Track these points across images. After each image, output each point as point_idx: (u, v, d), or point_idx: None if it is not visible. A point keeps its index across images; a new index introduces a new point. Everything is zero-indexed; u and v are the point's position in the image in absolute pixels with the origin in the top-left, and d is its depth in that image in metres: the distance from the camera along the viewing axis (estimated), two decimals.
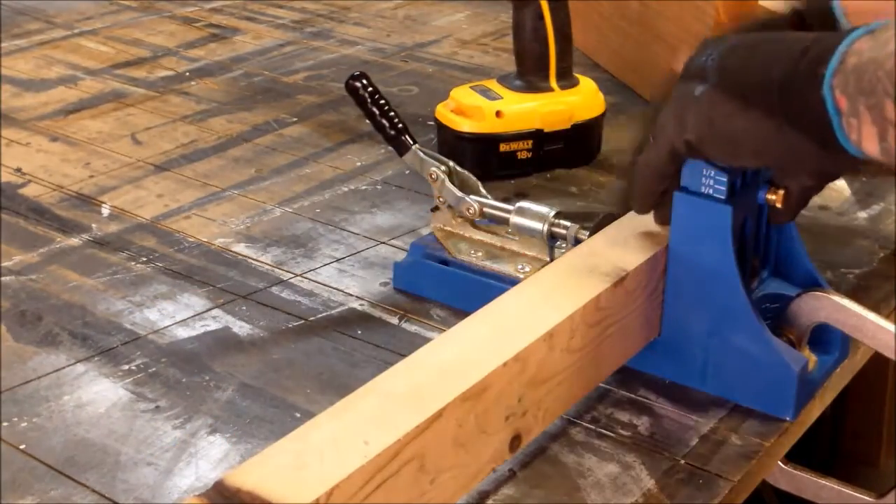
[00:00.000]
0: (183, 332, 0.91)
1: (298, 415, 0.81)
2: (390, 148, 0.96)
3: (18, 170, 1.20)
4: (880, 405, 1.56)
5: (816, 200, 1.12)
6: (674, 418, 0.82)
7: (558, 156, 1.19)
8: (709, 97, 0.73)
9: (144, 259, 1.02)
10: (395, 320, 0.93)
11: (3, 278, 0.99)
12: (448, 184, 0.94)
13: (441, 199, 0.94)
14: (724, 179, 0.78)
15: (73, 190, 1.15)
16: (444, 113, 1.19)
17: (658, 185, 0.80)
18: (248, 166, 1.22)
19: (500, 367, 0.68)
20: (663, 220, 0.82)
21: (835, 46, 0.67)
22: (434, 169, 0.94)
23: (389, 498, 0.61)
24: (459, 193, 0.93)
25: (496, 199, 0.94)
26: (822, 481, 0.86)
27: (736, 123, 0.72)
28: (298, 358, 0.88)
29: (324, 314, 0.94)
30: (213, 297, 0.96)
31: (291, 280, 0.99)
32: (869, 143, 0.66)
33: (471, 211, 0.93)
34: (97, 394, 0.84)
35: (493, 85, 1.19)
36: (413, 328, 0.92)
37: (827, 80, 0.66)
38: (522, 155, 1.17)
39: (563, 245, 0.91)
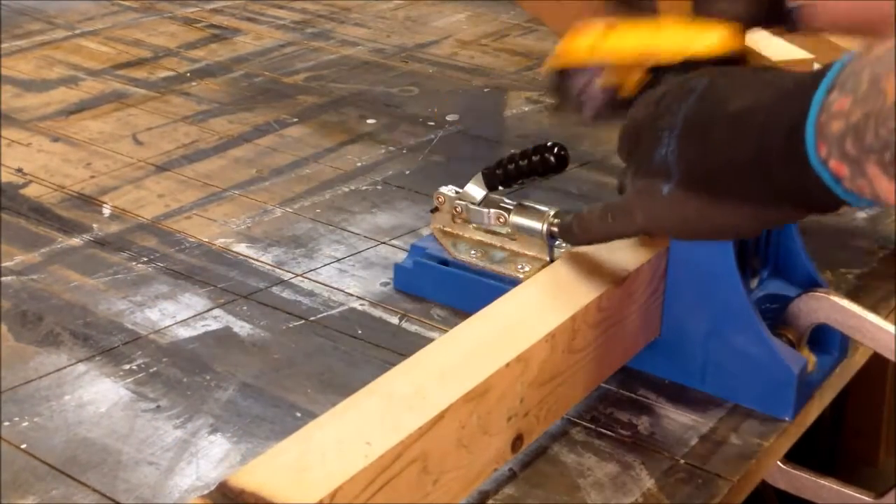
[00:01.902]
0: (184, 332, 0.92)
1: (299, 414, 0.81)
2: (392, 148, 0.96)
3: (19, 170, 1.20)
4: (880, 405, 1.56)
5: None
6: (673, 418, 0.82)
7: None
8: (677, 197, 0.70)
9: (145, 259, 1.02)
10: (395, 320, 0.94)
11: (4, 278, 0.99)
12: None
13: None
14: None
15: (74, 190, 1.15)
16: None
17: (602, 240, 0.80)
18: (249, 166, 1.22)
19: (503, 368, 0.68)
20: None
21: (801, 116, 0.62)
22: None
23: (392, 499, 0.61)
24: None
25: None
26: (822, 481, 0.86)
27: (711, 218, 0.70)
28: (299, 358, 0.88)
29: (324, 314, 0.94)
30: (213, 297, 0.96)
31: (292, 280, 0.99)
32: (891, 193, 0.61)
33: (501, 220, 0.92)
34: (98, 393, 0.84)
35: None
36: (413, 328, 0.93)
37: (813, 157, 0.62)
38: None
39: (563, 244, 0.91)
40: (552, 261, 0.89)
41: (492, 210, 0.92)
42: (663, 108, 0.71)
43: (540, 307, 0.75)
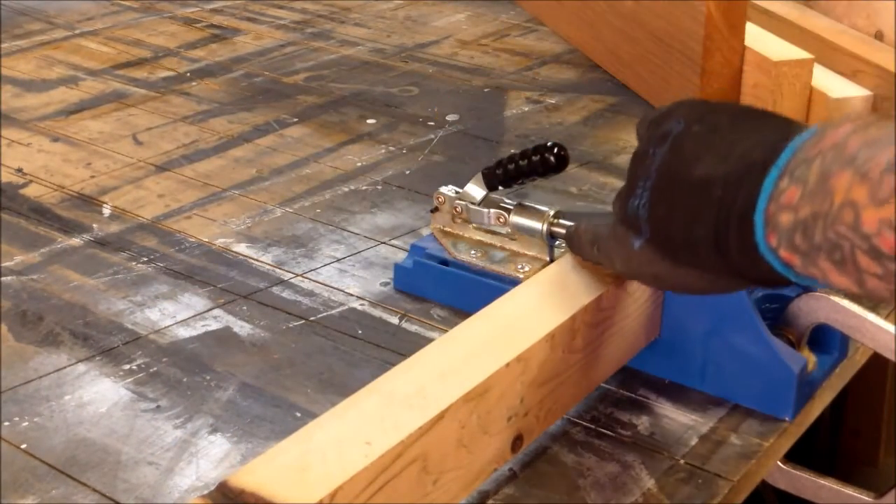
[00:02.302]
0: (184, 332, 0.92)
1: (299, 414, 0.81)
2: (392, 148, 0.95)
3: (20, 170, 1.20)
4: (880, 405, 1.56)
5: None
6: (673, 418, 0.82)
7: None
8: (646, 255, 0.70)
9: (145, 259, 1.02)
10: (395, 320, 0.94)
11: (4, 278, 0.99)
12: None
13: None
14: None
15: (74, 190, 1.16)
16: None
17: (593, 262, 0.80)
18: (249, 166, 1.22)
19: (503, 368, 0.68)
20: None
21: (752, 202, 0.61)
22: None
23: (392, 499, 0.61)
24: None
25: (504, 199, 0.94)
26: (822, 481, 0.86)
27: (680, 280, 0.70)
28: (299, 358, 0.88)
29: (324, 314, 0.94)
30: (213, 296, 0.97)
31: (292, 280, 0.99)
32: (845, 285, 0.59)
33: (501, 220, 0.92)
34: (98, 393, 0.84)
35: None
36: (413, 328, 0.93)
37: (762, 246, 0.61)
38: None
39: (563, 244, 0.91)
40: (552, 261, 0.89)
41: (492, 210, 0.92)
42: (653, 139, 0.70)
43: (540, 307, 0.75)
